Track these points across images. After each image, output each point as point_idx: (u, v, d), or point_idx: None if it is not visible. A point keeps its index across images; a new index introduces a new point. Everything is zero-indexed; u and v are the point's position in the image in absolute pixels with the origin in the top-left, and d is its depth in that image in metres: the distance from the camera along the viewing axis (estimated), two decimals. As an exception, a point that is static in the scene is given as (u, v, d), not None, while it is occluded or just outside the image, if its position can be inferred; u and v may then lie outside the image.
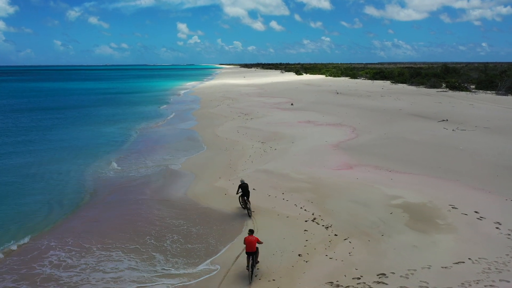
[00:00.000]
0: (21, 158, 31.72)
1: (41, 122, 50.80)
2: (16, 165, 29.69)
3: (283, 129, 40.08)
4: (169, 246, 16.16)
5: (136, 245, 16.26)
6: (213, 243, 16.31)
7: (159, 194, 22.42)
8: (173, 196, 21.99)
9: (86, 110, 64.57)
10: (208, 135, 39.24)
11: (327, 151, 30.11)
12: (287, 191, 21.51)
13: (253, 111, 54.80)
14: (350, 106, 57.03)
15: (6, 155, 32.73)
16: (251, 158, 29.13)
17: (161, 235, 17.14)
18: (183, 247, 16.08)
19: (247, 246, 13.60)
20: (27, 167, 28.91)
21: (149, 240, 16.69)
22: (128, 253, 15.65)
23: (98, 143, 37.18)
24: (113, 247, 16.18)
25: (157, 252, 15.72)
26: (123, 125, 47.93)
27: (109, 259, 15.21)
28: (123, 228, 17.98)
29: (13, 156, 32.52)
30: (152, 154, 32.43)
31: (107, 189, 23.78)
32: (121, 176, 26.32)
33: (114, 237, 17.10)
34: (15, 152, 33.97)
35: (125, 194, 22.71)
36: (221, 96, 79.34)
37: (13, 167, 29.14)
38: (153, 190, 23.18)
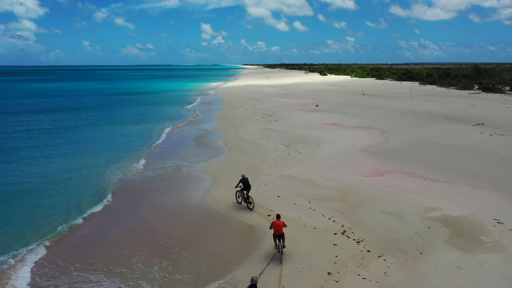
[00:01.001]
0: (42, 158, 31.45)
1: (63, 123, 50.88)
2: (37, 165, 29.38)
3: (308, 132, 38.65)
4: (175, 267, 15.08)
5: (135, 264, 15.24)
6: (227, 261, 14.91)
7: (176, 200, 21.43)
8: (191, 203, 20.96)
9: (109, 110, 64.73)
10: (230, 137, 38.21)
11: (356, 156, 28.55)
12: (314, 199, 20.17)
13: (277, 112, 53.52)
14: (378, 108, 55.00)
15: (28, 155, 32.54)
16: (275, 162, 27.88)
17: (170, 251, 15.88)
18: (192, 267, 14.97)
19: (275, 229, 14.87)
20: (47, 168, 28.55)
21: (154, 260, 15.65)
22: (114, 277, 13.93)
23: (120, 144, 36.70)
24: (115, 263, 15.24)
25: (159, 272, 14.66)
26: (145, 125, 47.51)
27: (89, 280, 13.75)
28: (132, 239, 17.04)
29: (34, 156, 32.30)
30: (173, 156, 31.61)
31: (125, 192, 22.99)
32: (139, 179, 25.52)
33: (122, 249, 16.17)
34: (36, 152, 33.78)
35: (142, 199, 21.84)
36: (244, 96, 78.37)
37: (34, 167, 28.83)
38: (171, 195, 22.22)
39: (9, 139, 39.33)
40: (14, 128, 46.16)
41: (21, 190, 23.65)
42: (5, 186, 24.53)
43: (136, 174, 26.62)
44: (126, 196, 22.39)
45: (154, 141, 37.79)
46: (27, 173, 27.26)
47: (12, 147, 35.76)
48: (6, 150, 34.57)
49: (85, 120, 52.80)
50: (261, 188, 22.27)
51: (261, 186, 22.56)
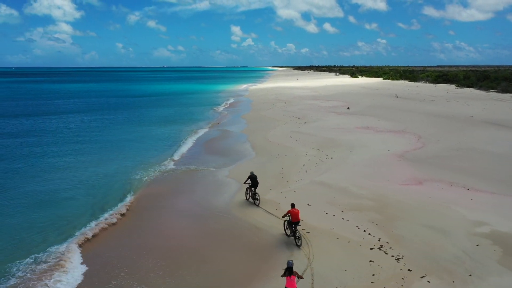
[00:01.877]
0: (68, 159, 31.36)
1: (91, 123, 51.22)
2: (63, 166, 29.24)
3: (340, 135, 37.09)
4: (194, 278, 14.07)
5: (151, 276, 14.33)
6: (249, 274, 13.83)
7: (200, 206, 20.50)
8: (216, 209, 19.96)
9: (138, 111, 65.10)
10: (259, 140, 37.15)
11: (391, 162, 26.88)
12: (347, 209, 18.78)
13: (307, 114, 52.11)
14: (413, 111, 52.65)
15: (55, 156, 32.55)
16: (305, 167, 26.59)
17: (189, 262, 14.92)
18: (213, 280, 13.93)
19: (293, 217, 15.71)
20: (74, 169, 28.33)
21: (177, 271, 14.71)
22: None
23: (146, 146, 36.28)
24: (134, 275, 14.38)
25: (197, 277, 13.67)
26: (173, 127, 47.15)
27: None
28: (148, 250, 16.19)
29: (60, 157, 32.27)
30: (199, 159, 30.85)
31: (148, 196, 22.29)
32: (163, 182, 24.82)
33: (141, 259, 15.33)
34: (62, 153, 33.78)
35: (165, 203, 21.09)
36: (273, 98, 77.27)
37: (60, 168, 28.68)
38: (195, 200, 21.32)
39: (37, 139, 39.75)
40: (44, 128, 46.81)
41: (45, 191, 23.37)
42: (29, 187, 24.35)
43: (160, 177, 25.94)
44: (150, 200, 21.68)
45: (180, 143, 37.19)
46: (53, 174, 27.08)
47: (40, 146, 36.02)
48: (34, 149, 34.81)
49: (113, 121, 53.05)
50: (290, 195, 21.05)
51: (290, 193, 21.35)
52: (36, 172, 27.73)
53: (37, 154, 33.04)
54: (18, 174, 27.21)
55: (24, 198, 22.21)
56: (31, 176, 26.59)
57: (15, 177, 26.43)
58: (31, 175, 26.84)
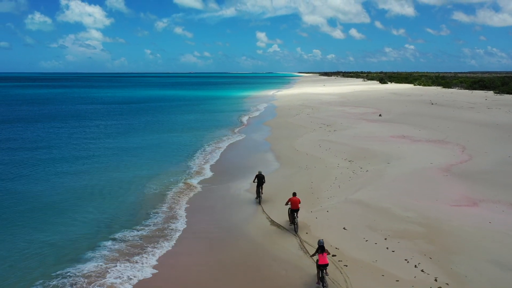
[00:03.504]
0: (82, 167, 29.44)
1: (109, 129, 49.57)
2: (74, 177, 27.15)
3: (374, 145, 33.95)
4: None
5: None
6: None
7: (218, 227, 18.01)
8: (236, 231, 17.38)
9: (160, 117, 63.52)
10: (285, 149, 34.44)
11: (436, 178, 23.63)
12: (391, 236, 15.83)
13: (336, 122, 49.05)
14: (451, 119, 48.76)
15: (66, 164, 30.69)
16: (337, 182, 23.70)
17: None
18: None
19: (293, 205, 16.80)
20: (86, 180, 26.24)
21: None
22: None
23: (165, 154, 34.05)
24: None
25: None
26: (194, 133, 44.98)
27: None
28: (162, 279, 13.70)
29: (73, 165, 30.35)
30: (219, 170, 28.40)
31: (161, 214, 19.87)
32: (177, 197, 22.37)
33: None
34: (76, 161, 31.94)
35: (179, 223, 18.60)
36: (300, 104, 74.41)
37: (71, 178, 26.64)
38: (208, 222, 18.75)
39: (48, 146, 38.29)
40: (58, 135, 45.54)
41: (50, 205, 21.31)
42: (33, 199, 22.40)
43: (175, 191, 23.51)
44: (163, 219, 19.26)
45: (201, 152, 34.78)
46: (64, 185, 25.13)
47: (50, 153, 34.41)
48: (39, 156, 33.22)
49: (134, 126, 51.37)
50: (322, 215, 18.25)
51: (322, 213, 18.54)
52: (44, 181, 25.91)
53: (46, 158, 31.38)
54: (21, 186, 25.45)
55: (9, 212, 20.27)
56: (36, 186, 24.76)
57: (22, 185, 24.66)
58: (35, 185, 25.03)
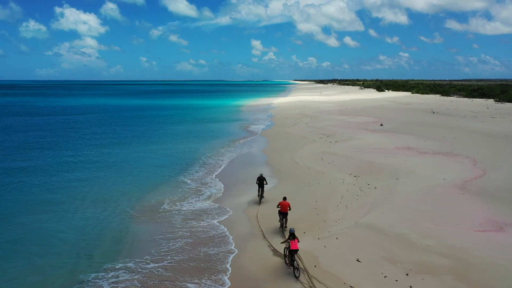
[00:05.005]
0: (66, 183, 27.20)
1: (94, 141, 47.29)
2: (53, 196, 24.86)
3: (379, 158, 31.94)
4: None
5: None
6: None
7: (200, 262, 15.78)
8: (228, 275, 15.13)
9: (152, 127, 61.29)
10: (284, 162, 32.39)
11: (453, 196, 21.59)
12: (413, 270, 13.70)
13: (336, 132, 47.08)
14: (456, 129, 46.93)
15: (48, 181, 28.45)
16: (344, 201, 21.61)
17: None
18: None
19: (282, 208, 17.70)
20: (67, 201, 23.95)
21: None
22: None
23: (149, 171, 31.53)
24: None
25: None
26: (185, 146, 42.60)
27: None
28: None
29: (55, 180, 28.13)
30: (207, 190, 26.03)
31: (141, 243, 17.69)
32: (158, 223, 20.14)
33: None
34: (59, 175, 29.72)
35: (156, 255, 16.34)
36: (298, 113, 72.52)
37: (48, 200, 24.18)
38: (190, 258, 16.31)
39: (27, 158, 35.98)
40: (40, 145, 43.23)
41: (16, 238, 19.03)
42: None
43: (156, 216, 21.24)
44: (141, 249, 17.03)
45: (191, 167, 32.27)
46: (38, 208, 22.88)
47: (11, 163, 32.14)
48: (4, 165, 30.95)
49: (120, 139, 48.95)
50: (332, 243, 16.11)
51: (331, 241, 16.41)
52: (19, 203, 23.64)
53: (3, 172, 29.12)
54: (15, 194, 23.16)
55: None
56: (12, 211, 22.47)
57: None
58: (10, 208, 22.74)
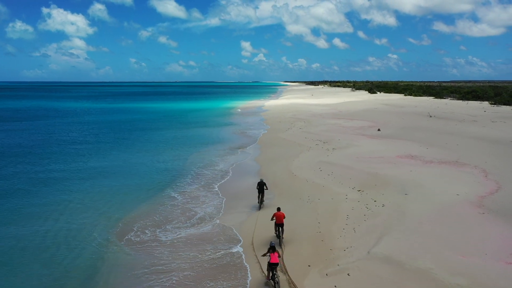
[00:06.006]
0: (34, 201, 24.33)
1: (71, 149, 44.39)
2: (16, 219, 21.93)
3: (382, 168, 29.59)
4: None
5: None
6: None
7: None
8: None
9: (135, 134, 58.31)
10: (279, 173, 29.87)
11: (472, 217, 19.23)
12: (446, 322, 11.24)
13: (333, 138, 44.70)
14: (457, 134, 44.87)
15: (11, 201, 25.52)
16: (351, 222, 19.14)
17: None
18: None
19: (277, 219, 17.39)
20: (35, 225, 21.11)
21: None
22: None
23: (139, 182, 28.97)
24: None
25: None
26: (174, 153, 39.86)
27: None
28: None
29: (24, 198, 25.22)
30: (189, 207, 23.48)
31: (120, 277, 15.03)
32: (147, 253, 17.52)
33: None
34: (25, 192, 26.83)
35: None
36: (290, 117, 70.11)
37: (10, 222, 21.39)
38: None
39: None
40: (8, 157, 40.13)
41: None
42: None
43: (141, 242, 18.67)
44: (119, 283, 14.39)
45: (176, 179, 29.64)
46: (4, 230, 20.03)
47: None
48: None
49: (102, 145, 46.07)
50: (343, 282, 13.58)
51: (342, 278, 13.88)
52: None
53: None
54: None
55: None
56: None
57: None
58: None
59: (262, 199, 22.65)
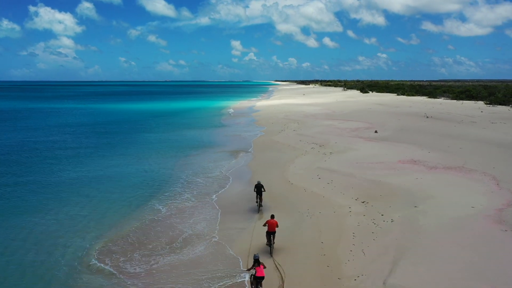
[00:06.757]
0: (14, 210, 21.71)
1: (48, 153, 41.59)
2: None
3: (385, 176, 27.48)
4: None
5: None
6: None
7: None
8: None
9: (121, 136, 55.56)
10: (275, 181, 27.55)
11: (494, 235, 17.11)
12: None
13: (328, 140, 42.54)
14: (458, 137, 43.02)
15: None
16: (358, 242, 16.91)
17: None
18: None
19: (269, 227, 16.89)
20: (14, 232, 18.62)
21: None
22: None
23: (120, 193, 26.43)
24: None
25: None
26: (161, 158, 37.22)
27: None
28: None
29: None
30: (174, 222, 21.11)
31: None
32: (108, 280, 15.11)
33: None
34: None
35: None
36: (283, 117, 67.86)
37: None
38: None
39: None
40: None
41: None
42: None
43: (121, 269, 16.23)
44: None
45: (161, 189, 27.24)
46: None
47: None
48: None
49: (82, 150, 43.30)
50: (358, 324, 11.30)
51: (355, 319, 11.60)
52: None
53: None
54: None
55: None
56: None
57: None
58: None
59: (260, 202, 22.22)
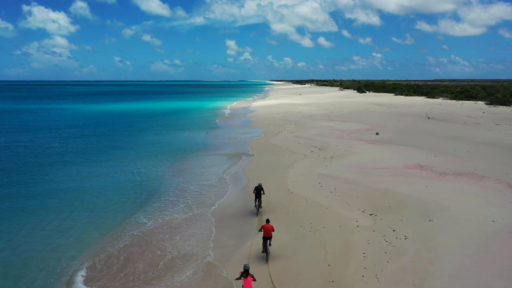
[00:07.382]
0: None
1: (29, 157, 39.29)
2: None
3: (392, 183, 25.49)
4: None
5: None
6: None
7: None
8: None
9: (111, 138, 53.23)
10: (273, 190, 25.41)
11: (523, 256, 15.14)
12: None
13: (328, 143, 40.52)
14: (463, 139, 41.14)
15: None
16: (370, 265, 14.86)
17: None
18: None
19: (265, 232, 16.18)
20: None
21: None
22: None
23: (103, 203, 24.28)
24: None
25: None
26: (149, 163, 35.00)
27: None
28: None
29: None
30: (164, 240, 19.00)
31: None
32: None
33: None
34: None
35: None
36: (280, 118, 65.79)
37: None
38: None
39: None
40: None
41: None
42: None
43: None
44: None
45: (150, 198, 25.06)
46: None
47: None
48: None
49: (68, 155, 40.97)
50: None
51: None
52: None
53: None
54: None
55: None
56: None
57: None
58: None
59: (259, 204, 21.61)
